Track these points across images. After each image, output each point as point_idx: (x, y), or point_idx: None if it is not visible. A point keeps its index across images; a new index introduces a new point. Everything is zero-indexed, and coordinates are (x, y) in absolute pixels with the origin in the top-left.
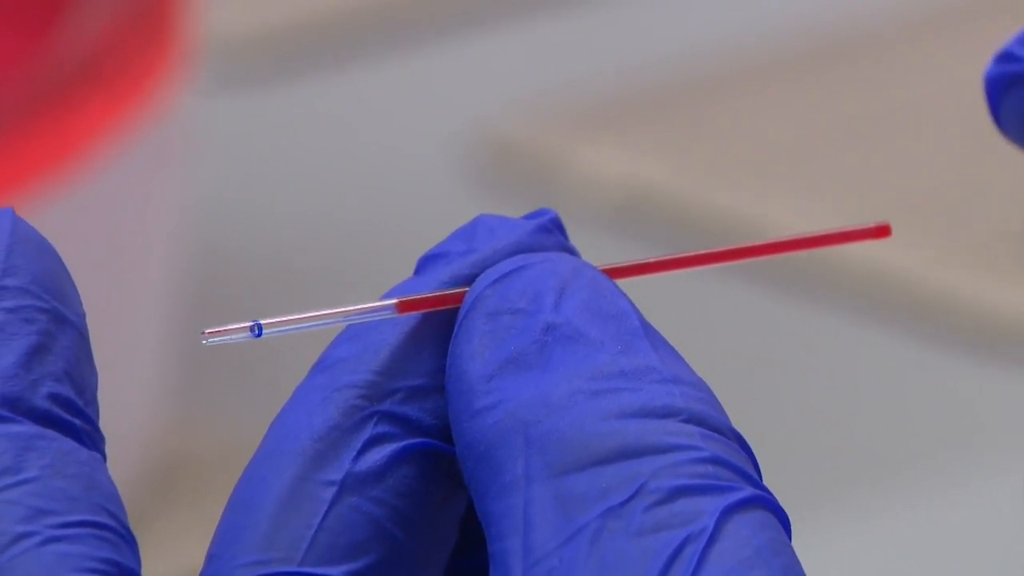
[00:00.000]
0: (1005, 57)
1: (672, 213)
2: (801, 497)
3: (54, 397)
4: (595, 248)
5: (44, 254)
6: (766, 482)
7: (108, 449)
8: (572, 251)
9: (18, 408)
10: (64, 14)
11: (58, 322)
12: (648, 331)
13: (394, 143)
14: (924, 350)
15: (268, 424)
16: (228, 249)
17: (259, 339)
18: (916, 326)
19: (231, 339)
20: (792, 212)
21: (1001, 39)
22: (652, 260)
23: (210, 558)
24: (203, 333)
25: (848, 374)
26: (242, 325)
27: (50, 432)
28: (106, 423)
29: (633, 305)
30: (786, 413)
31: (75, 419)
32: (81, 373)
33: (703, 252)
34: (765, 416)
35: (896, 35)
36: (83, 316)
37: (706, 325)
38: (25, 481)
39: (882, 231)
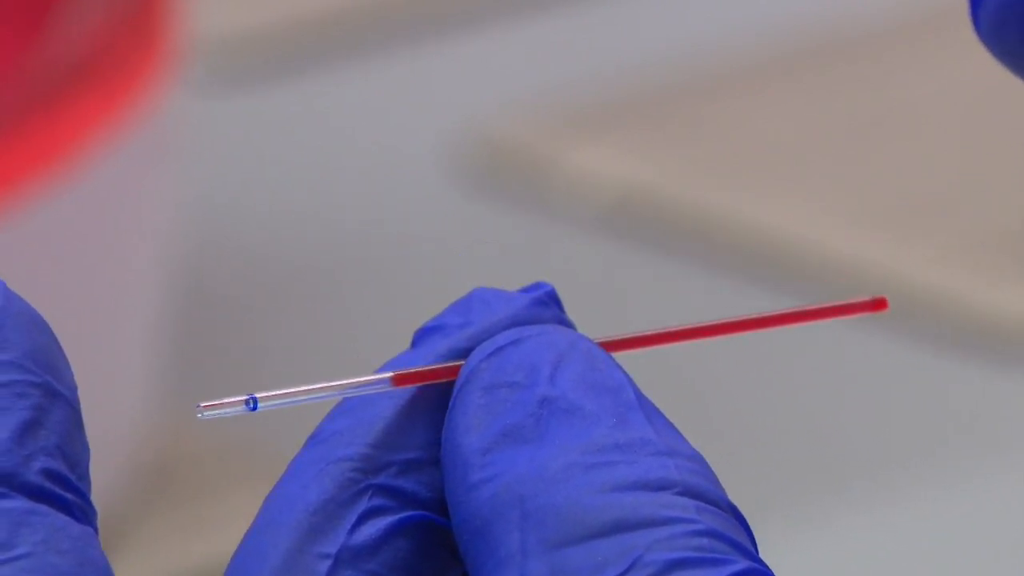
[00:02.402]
0: None
1: (666, 214)
2: (791, 498)
3: (47, 472)
4: (587, 250)
5: (36, 328)
6: (765, 486)
7: (99, 449)
8: (568, 324)
9: (11, 483)
10: (56, 13)
11: (50, 397)
12: (643, 403)
13: (387, 143)
14: (921, 350)
15: (258, 424)
16: (221, 248)
17: (254, 412)
18: (914, 326)
19: (226, 412)
20: (788, 213)
21: None
22: (648, 333)
23: None
24: (197, 406)
25: (843, 374)
26: (237, 399)
27: (43, 507)
28: (96, 423)
29: (628, 377)
30: (780, 413)
31: (68, 494)
32: (73, 447)
33: (699, 325)
34: (759, 417)
35: (893, 35)
36: (75, 390)
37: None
38: (18, 557)
39: (879, 304)
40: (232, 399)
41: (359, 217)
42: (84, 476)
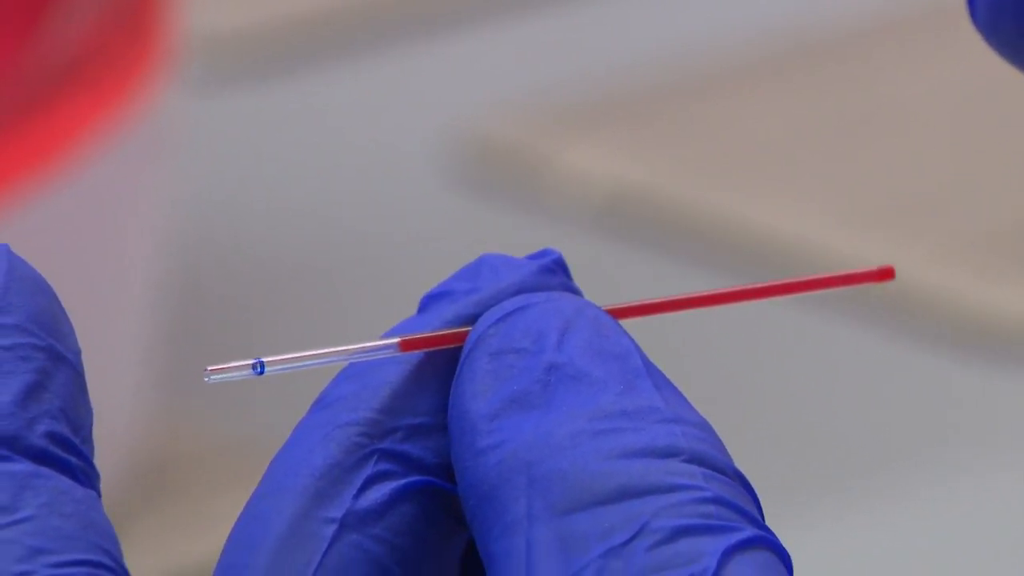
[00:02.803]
0: None
1: (656, 213)
2: (787, 496)
3: (51, 435)
4: (579, 247)
5: (40, 291)
6: (761, 484)
7: (96, 446)
8: (575, 291)
9: (15, 446)
10: (49, 12)
11: (54, 360)
12: (651, 370)
13: (380, 141)
14: (911, 348)
15: (255, 421)
16: (216, 245)
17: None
18: (907, 325)
19: (233, 376)
20: (779, 212)
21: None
22: (655, 301)
23: None
24: (205, 370)
25: (835, 372)
26: (244, 363)
27: (46, 470)
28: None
29: (636, 344)
30: (773, 411)
31: (71, 457)
32: (77, 411)
33: (706, 294)
34: (753, 414)
35: (884, 34)
36: (79, 353)
37: (698, 325)
38: (22, 520)
39: (885, 273)
40: (239, 363)
41: (352, 215)
42: (87, 439)
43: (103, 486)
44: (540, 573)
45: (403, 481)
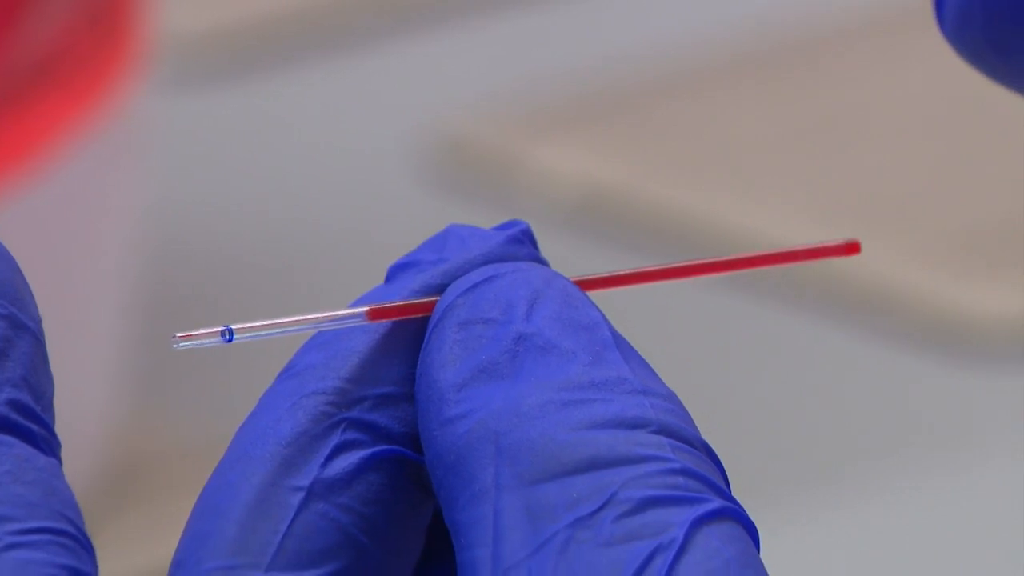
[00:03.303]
0: None
1: (629, 213)
2: (756, 490)
3: (12, 403)
4: (552, 247)
5: (1, 261)
6: (733, 480)
7: (67, 447)
8: (543, 262)
9: None
10: (21, 13)
11: (15, 328)
12: (619, 342)
13: (351, 142)
14: (885, 347)
15: (227, 421)
16: (185, 247)
17: (229, 344)
18: (878, 323)
19: (202, 343)
20: (752, 211)
21: None
22: (623, 272)
23: (176, 564)
24: (174, 337)
25: (808, 370)
26: (213, 330)
27: (8, 438)
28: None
29: (604, 316)
30: (746, 408)
31: (33, 425)
32: (38, 379)
33: (673, 265)
34: (725, 411)
35: (860, 35)
36: (39, 322)
37: (673, 325)
38: None
39: (851, 248)
40: (208, 330)
41: (324, 215)
42: (48, 408)
43: (72, 486)
44: (508, 542)
45: (370, 450)
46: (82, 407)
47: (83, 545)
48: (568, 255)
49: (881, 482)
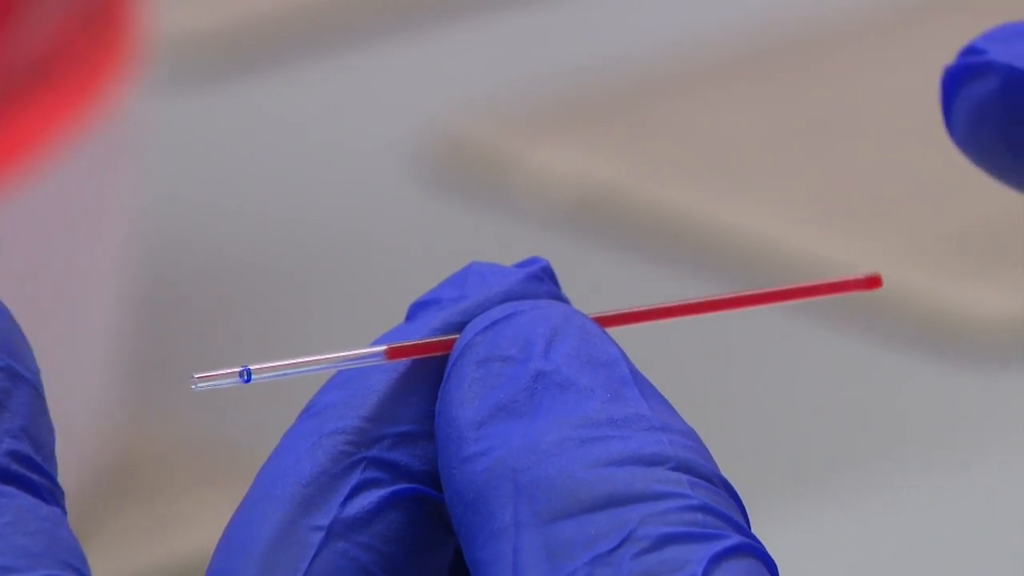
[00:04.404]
0: (968, 51)
1: (627, 213)
2: (753, 493)
3: (12, 454)
4: (550, 248)
5: None
6: (728, 474)
7: (65, 447)
8: (563, 299)
9: None
10: (14, 13)
11: (13, 379)
12: (637, 379)
13: (349, 141)
14: (879, 347)
15: (225, 421)
16: (182, 246)
17: (248, 384)
18: (872, 323)
19: (220, 384)
20: (747, 212)
21: (960, 38)
22: (641, 309)
23: None
24: (193, 378)
25: (803, 371)
26: (231, 371)
27: (10, 489)
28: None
29: (623, 352)
30: (746, 411)
31: (34, 475)
32: (38, 429)
33: (693, 302)
34: (725, 414)
35: (853, 34)
36: (37, 373)
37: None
38: None
39: (873, 282)
40: (226, 371)
41: (321, 216)
42: (49, 457)
43: (67, 487)
44: None
45: (390, 489)
46: (79, 407)
47: None
48: (566, 255)
49: (877, 482)
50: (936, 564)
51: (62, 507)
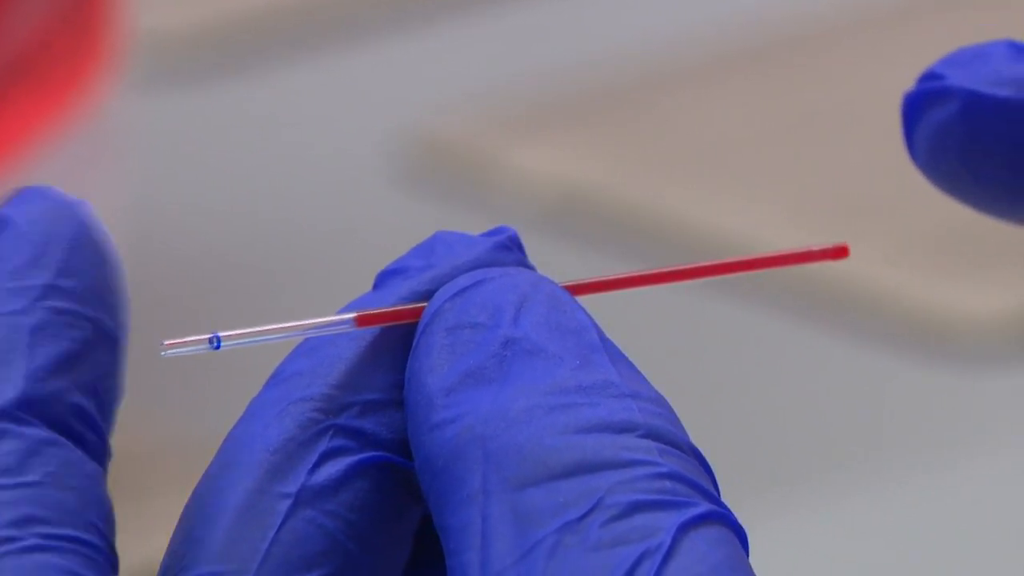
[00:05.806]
0: (928, 77)
1: (607, 213)
2: (735, 491)
3: (75, 407)
4: (530, 249)
5: (105, 261)
6: (719, 479)
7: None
8: (531, 268)
9: (37, 411)
10: None
11: (99, 334)
12: (607, 346)
13: (328, 142)
14: (862, 346)
15: (214, 419)
16: (162, 245)
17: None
18: (855, 322)
19: (189, 351)
20: (730, 211)
21: (948, 37)
22: (611, 277)
23: (164, 569)
24: (162, 344)
25: (785, 370)
26: (201, 337)
27: (62, 439)
28: None
29: (592, 320)
30: (733, 411)
31: (88, 432)
32: (107, 387)
33: (661, 270)
34: (713, 414)
35: (838, 34)
36: (126, 331)
37: (657, 325)
38: (24, 484)
39: (839, 251)
40: (195, 337)
41: (301, 215)
42: (109, 417)
43: None
44: (495, 547)
45: (358, 457)
46: None
47: (108, 560)
48: (547, 255)
49: (865, 481)
50: (921, 564)
51: (105, 468)
